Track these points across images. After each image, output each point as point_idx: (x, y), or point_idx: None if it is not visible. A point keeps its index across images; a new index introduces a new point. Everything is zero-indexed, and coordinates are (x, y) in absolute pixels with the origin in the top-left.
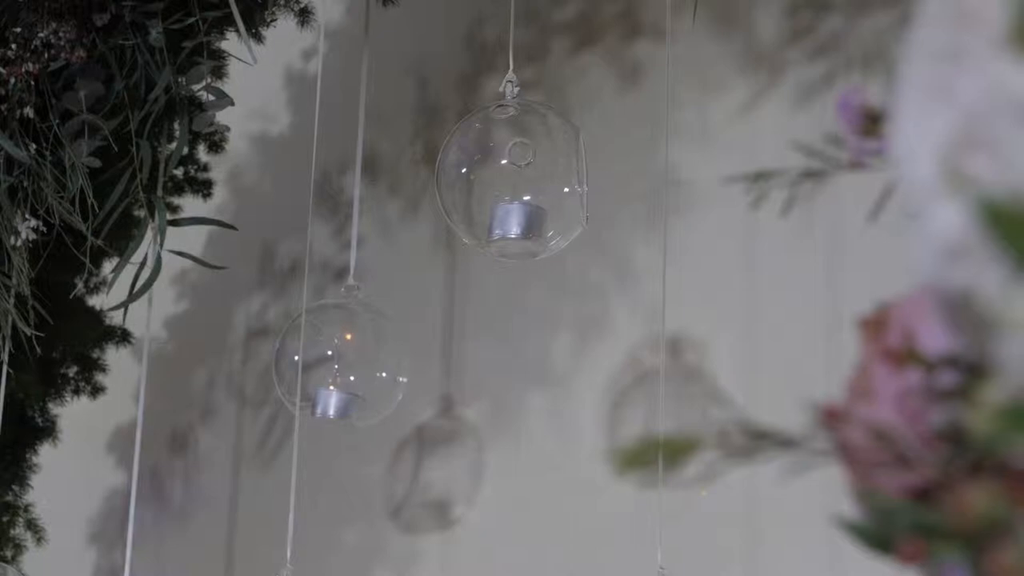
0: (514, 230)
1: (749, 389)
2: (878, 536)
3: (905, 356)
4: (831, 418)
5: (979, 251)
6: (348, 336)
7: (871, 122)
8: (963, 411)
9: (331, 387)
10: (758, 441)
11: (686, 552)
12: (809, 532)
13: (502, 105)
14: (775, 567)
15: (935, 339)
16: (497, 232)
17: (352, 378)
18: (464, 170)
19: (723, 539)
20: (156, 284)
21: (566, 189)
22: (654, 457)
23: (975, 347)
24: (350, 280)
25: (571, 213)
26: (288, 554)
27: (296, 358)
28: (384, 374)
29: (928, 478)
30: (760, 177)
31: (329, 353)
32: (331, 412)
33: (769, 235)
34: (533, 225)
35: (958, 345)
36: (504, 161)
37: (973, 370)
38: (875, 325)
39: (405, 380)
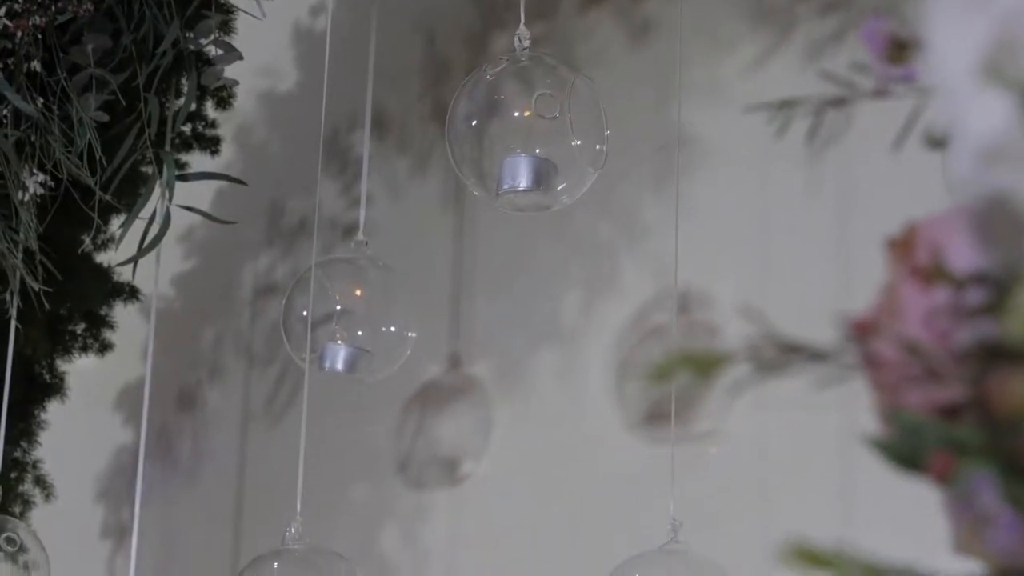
0: (523, 182)
1: None
2: (907, 453)
3: (934, 274)
4: (861, 331)
5: (1018, 152)
6: (356, 291)
7: (898, 48)
8: (992, 326)
9: (339, 341)
10: (789, 355)
11: (697, 506)
12: (820, 485)
13: (512, 58)
14: (787, 519)
15: (964, 256)
16: (506, 184)
17: (360, 333)
18: (474, 123)
19: (734, 493)
20: (163, 242)
21: (578, 142)
22: (685, 371)
23: (1009, 254)
24: (359, 236)
25: (582, 167)
26: (297, 508)
27: (304, 313)
28: (393, 329)
29: (957, 394)
30: (784, 105)
31: (338, 308)
32: (339, 366)
33: (780, 191)
34: (542, 177)
35: (987, 261)
36: (526, 113)
37: (1002, 286)
38: (903, 245)
39: (414, 335)
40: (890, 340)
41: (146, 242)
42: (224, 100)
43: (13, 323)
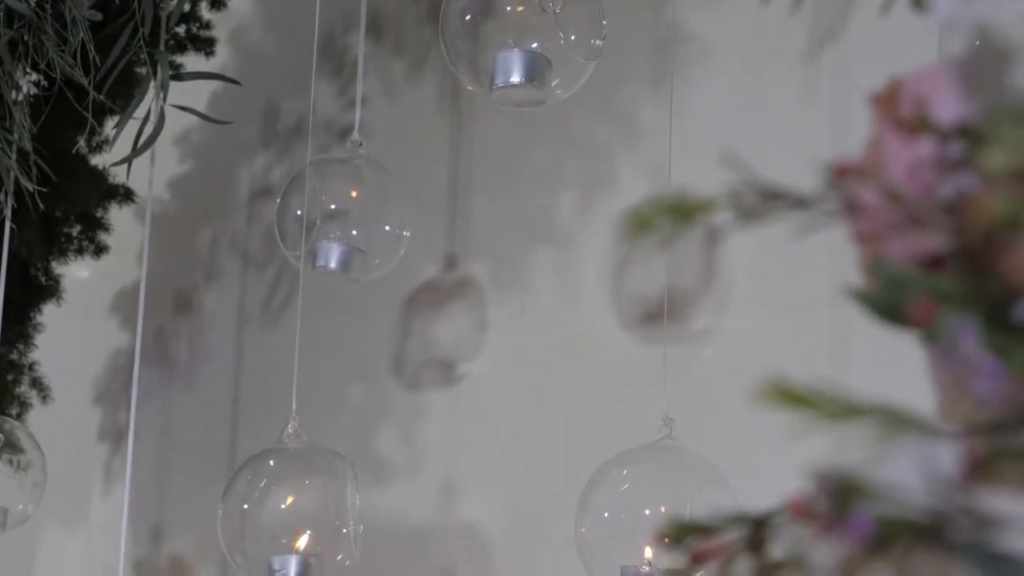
0: (516, 77)
1: (755, 245)
2: (890, 305)
3: (918, 125)
4: (843, 174)
5: None
6: (351, 190)
7: None
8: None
9: (333, 240)
10: (770, 202)
11: (690, 404)
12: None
13: None
14: (778, 418)
15: (948, 107)
16: (500, 79)
17: (354, 232)
18: (468, 17)
19: (726, 391)
20: (158, 144)
21: (573, 36)
22: (665, 219)
23: (992, 100)
24: (354, 135)
25: (576, 60)
26: (293, 407)
27: (299, 212)
28: (387, 228)
29: (940, 244)
30: None
31: (332, 207)
32: (332, 264)
33: (776, 90)
34: (535, 72)
35: (972, 113)
36: (519, 8)
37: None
38: (887, 99)
39: (408, 235)
40: (873, 187)
41: (140, 142)
42: (219, 1)
43: (8, 224)
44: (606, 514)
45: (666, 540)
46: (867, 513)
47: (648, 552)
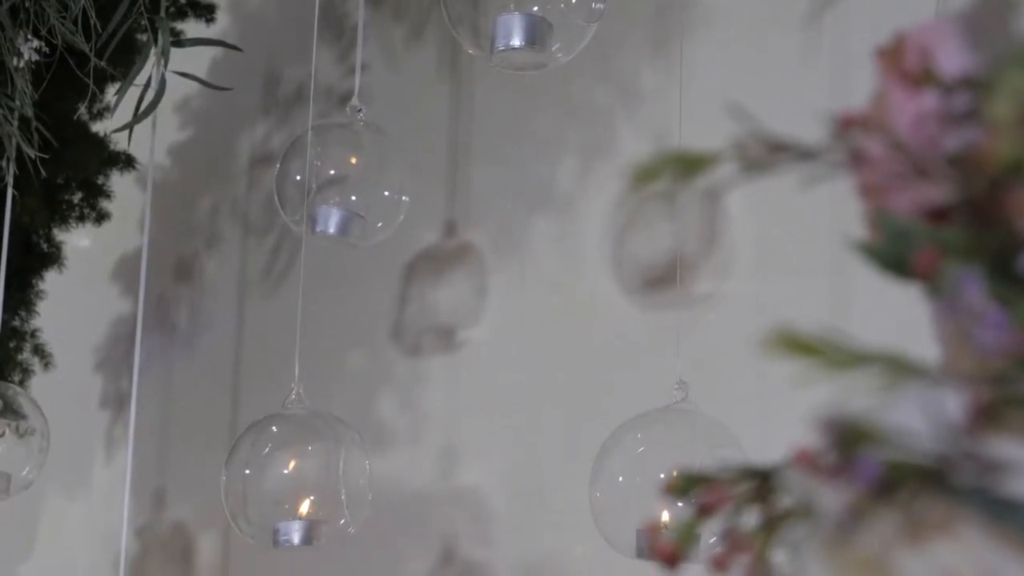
0: (517, 40)
1: (759, 206)
2: (894, 257)
3: (922, 78)
4: (848, 125)
5: None
6: (350, 155)
7: None
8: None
9: (332, 205)
10: (776, 153)
11: (694, 368)
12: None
13: None
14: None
15: (953, 59)
16: (500, 43)
17: (353, 198)
18: None
19: (729, 355)
20: (158, 111)
21: (574, 1)
22: (671, 171)
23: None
24: (354, 101)
25: (577, 25)
26: (296, 373)
27: (298, 178)
28: (386, 193)
29: (944, 195)
30: None
31: (332, 172)
32: (331, 229)
33: (778, 53)
34: (536, 35)
35: (976, 65)
36: None
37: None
38: (892, 52)
39: (407, 200)
40: (878, 139)
41: (141, 109)
42: None
43: (10, 191)
44: (620, 478)
45: (673, 492)
46: (874, 458)
47: (665, 515)
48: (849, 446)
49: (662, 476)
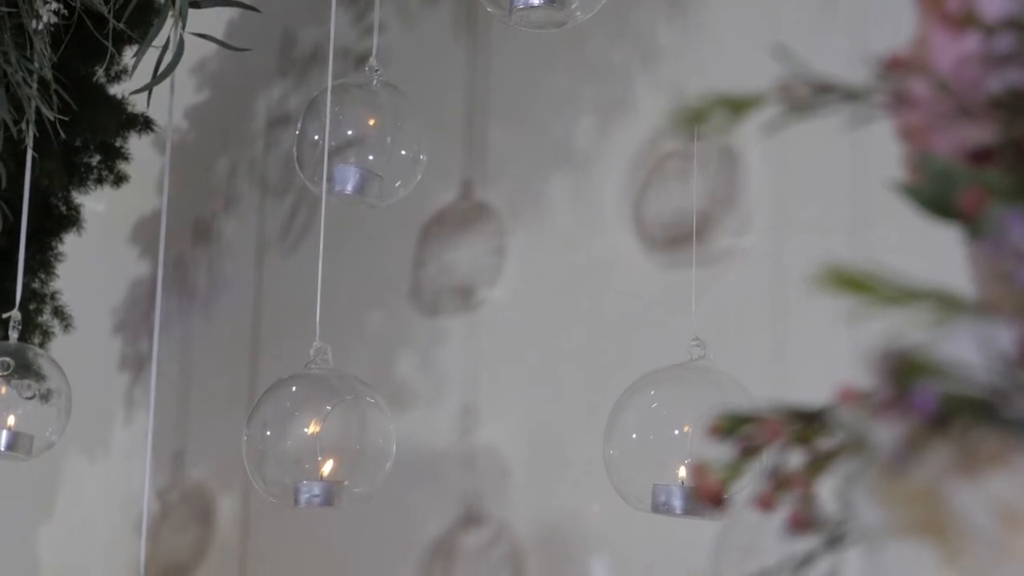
0: None
1: (776, 165)
2: (937, 198)
3: (964, 19)
4: (894, 67)
5: None
6: (367, 114)
7: None
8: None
9: (350, 164)
10: (821, 94)
11: (712, 325)
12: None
13: None
14: (802, 335)
15: (994, 1)
16: (520, 0)
17: (371, 157)
18: None
19: (750, 313)
20: (176, 73)
21: None
22: (718, 112)
23: None
24: (371, 61)
25: None
26: (316, 333)
27: (316, 138)
28: (404, 152)
29: (988, 136)
30: None
31: (349, 132)
32: (349, 188)
33: (794, 10)
34: None
35: (1019, 7)
36: None
37: None
38: None
39: (425, 158)
40: (922, 80)
41: (160, 71)
42: None
43: (30, 152)
44: (634, 435)
45: (718, 432)
46: (931, 389)
47: (681, 472)
48: (904, 379)
49: (676, 433)
